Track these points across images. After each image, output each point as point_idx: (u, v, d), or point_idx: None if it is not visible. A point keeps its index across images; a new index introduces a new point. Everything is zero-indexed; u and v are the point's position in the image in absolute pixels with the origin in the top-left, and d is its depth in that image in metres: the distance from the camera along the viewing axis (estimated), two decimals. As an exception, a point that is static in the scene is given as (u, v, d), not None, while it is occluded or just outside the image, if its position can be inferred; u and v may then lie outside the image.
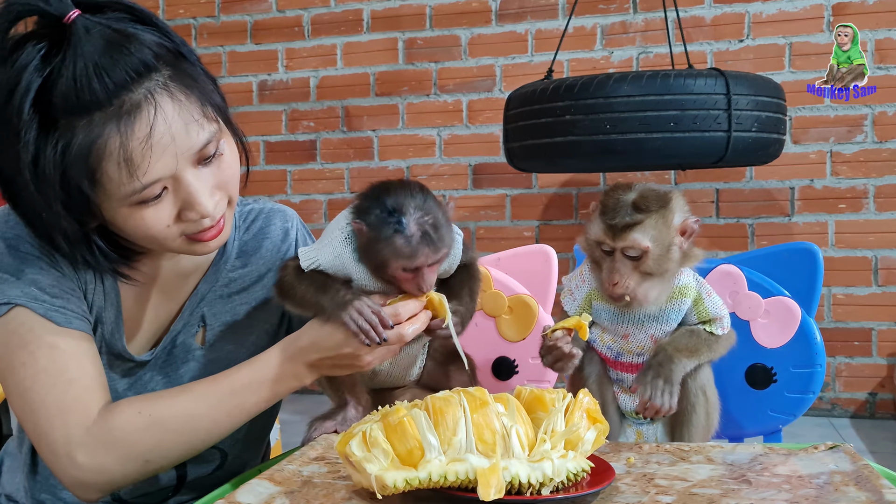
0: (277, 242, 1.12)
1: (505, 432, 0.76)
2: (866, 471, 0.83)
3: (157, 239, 0.87)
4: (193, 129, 0.83)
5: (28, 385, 0.89)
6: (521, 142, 2.45)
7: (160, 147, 0.81)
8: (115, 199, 0.82)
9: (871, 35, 3.04)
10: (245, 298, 1.09)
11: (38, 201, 0.81)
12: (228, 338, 1.07)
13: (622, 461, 0.92)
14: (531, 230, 3.43)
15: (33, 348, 0.89)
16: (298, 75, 3.65)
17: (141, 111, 0.79)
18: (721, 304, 1.11)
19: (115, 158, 0.79)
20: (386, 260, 0.99)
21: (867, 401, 3.14)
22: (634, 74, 2.24)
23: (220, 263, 1.07)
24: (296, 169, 3.66)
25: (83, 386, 0.90)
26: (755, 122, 2.25)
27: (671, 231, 1.05)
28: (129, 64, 0.79)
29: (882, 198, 3.08)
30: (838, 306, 3.13)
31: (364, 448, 0.74)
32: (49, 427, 0.89)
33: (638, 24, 3.29)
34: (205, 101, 0.85)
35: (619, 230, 1.04)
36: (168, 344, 1.03)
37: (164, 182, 0.83)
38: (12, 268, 0.91)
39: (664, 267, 1.05)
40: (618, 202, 1.05)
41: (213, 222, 0.88)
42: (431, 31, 3.51)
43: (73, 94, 0.77)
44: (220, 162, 0.88)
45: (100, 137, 0.79)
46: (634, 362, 1.14)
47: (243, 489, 0.81)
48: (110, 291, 0.98)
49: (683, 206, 1.09)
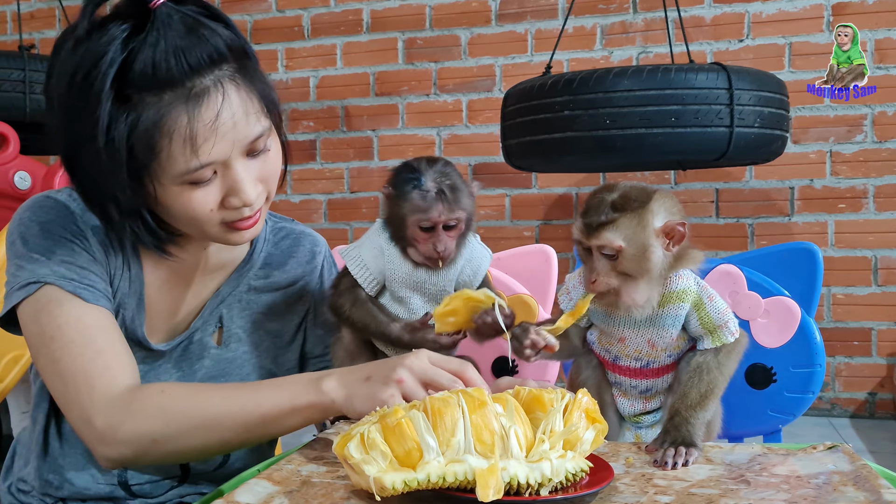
0: (303, 262, 1.17)
1: (504, 433, 0.76)
2: (865, 471, 0.83)
3: (199, 221, 0.92)
4: (251, 121, 0.90)
5: (58, 356, 0.93)
6: (518, 139, 2.40)
7: (222, 132, 0.87)
8: (169, 175, 0.88)
9: (870, 35, 3.04)
10: (263, 308, 1.13)
11: (105, 168, 0.86)
12: (244, 340, 1.10)
13: (621, 461, 0.92)
14: (531, 230, 3.43)
15: (62, 322, 0.94)
16: (298, 75, 3.65)
17: (209, 96, 0.86)
18: (725, 307, 1.09)
19: (181, 136, 0.85)
20: (405, 218, 1.10)
21: (867, 401, 3.14)
22: (635, 69, 2.20)
23: (244, 270, 1.11)
24: (295, 169, 3.67)
25: (111, 355, 0.94)
26: (758, 118, 2.21)
27: (648, 231, 1.03)
28: (204, 50, 0.86)
29: (882, 197, 3.08)
30: (838, 306, 3.13)
31: (362, 450, 0.74)
32: (77, 393, 0.92)
33: (638, 23, 3.29)
34: (263, 98, 0.92)
35: (594, 228, 1.04)
36: (185, 339, 1.06)
37: (215, 166, 0.89)
38: (44, 248, 0.96)
39: (643, 267, 1.04)
40: (599, 202, 1.05)
41: (252, 212, 0.94)
42: (431, 31, 3.51)
43: (150, 71, 0.84)
44: (267, 157, 0.95)
45: (168, 115, 0.85)
46: (633, 366, 1.13)
47: (242, 489, 0.81)
48: (135, 280, 1.02)
49: (670, 207, 1.06)
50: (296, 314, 1.17)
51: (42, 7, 3.95)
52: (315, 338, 1.20)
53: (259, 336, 1.11)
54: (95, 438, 0.92)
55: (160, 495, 1.07)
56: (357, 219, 3.62)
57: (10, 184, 2.71)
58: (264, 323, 1.12)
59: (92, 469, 1.04)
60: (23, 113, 2.77)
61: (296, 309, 1.17)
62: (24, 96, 2.77)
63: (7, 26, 4.02)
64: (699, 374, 1.06)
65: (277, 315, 1.14)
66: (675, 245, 1.06)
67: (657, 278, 1.06)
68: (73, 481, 1.04)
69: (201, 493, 1.09)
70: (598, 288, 1.05)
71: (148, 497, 1.06)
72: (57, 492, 1.04)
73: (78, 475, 1.04)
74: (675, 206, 1.07)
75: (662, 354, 1.12)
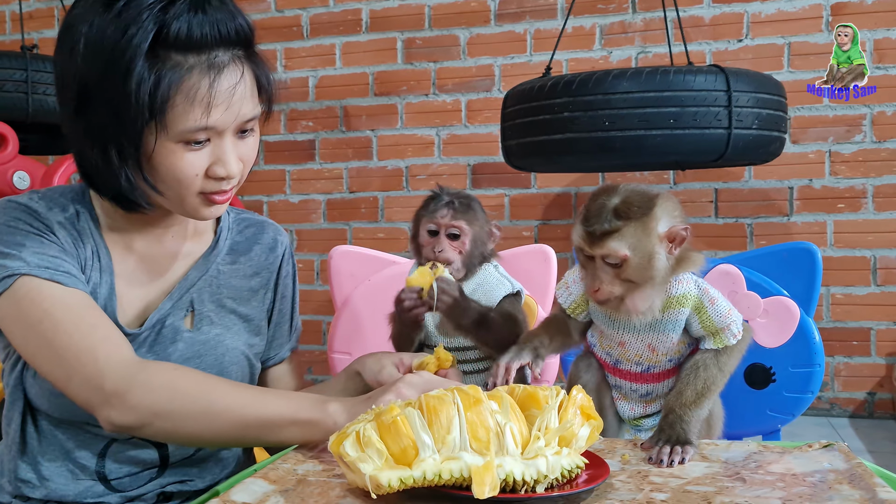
0: (266, 249, 1.22)
1: (499, 430, 0.76)
2: (860, 469, 0.83)
3: (183, 184, 0.98)
4: (254, 102, 1.01)
5: (50, 336, 0.94)
6: (518, 139, 2.42)
7: (234, 102, 0.96)
8: (174, 131, 0.94)
9: (869, 35, 3.04)
10: (231, 293, 1.16)
11: (121, 114, 0.93)
12: (216, 323, 1.12)
13: (617, 458, 0.92)
14: (530, 230, 3.43)
15: (46, 306, 0.95)
16: (297, 75, 3.65)
17: (229, 69, 0.96)
18: (727, 309, 1.07)
19: (199, 97, 0.93)
20: (417, 221, 1.32)
21: (866, 400, 3.14)
22: (634, 71, 2.21)
23: (211, 256, 1.14)
24: (294, 169, 3.66)
25: (105, 328, 0.97)
26: (756, 120, 2.23)
27: (653, 238, 1.01)
28: (233, 25, 0.96)
29: (881, 197, 3.08)
30: (837, 306, 3.13)
31: (358, 448, 0.74)
32: (79, 365, 0.94)
33: (637, 23, 3.29)
34: (263, 86, 1.02)
35: (597, 237, 1.01)
36: (157, 323, 1.07)
37: (212, 133, 0.97)
38: (13, 244, 0.98)
39: (648, 275, 1.02)
40: (600, 208, 1.02)
41: (229, 186, 1.01)
42: (430, 30, 3.51)
43: (185, 34, 0.92)
44: (249, 140, 1.03)
45: (191, 76, 0.93)
46: (633, 371, 1.12)
47: (238, 488, 0.81)
48: (105, 270, 1.05)
49: (672, 210, 1.04)
50: (263, 301, 1.20)
51: (41, 7, 3.95)
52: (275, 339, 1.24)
53: (230, 319, 1.14)
54: (103, 401, 0.93)
55: (139, 487, 1.07)
56: (356, 219, 3.62)
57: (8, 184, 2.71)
58: (234, 307, 1.15)
59: (69, 464, 1.05)
60: (25, 113, 2.77)
61: (261, 296, 1.20)
62: (27, 97, 2.77)
63: (6, 26, 4.02)
64: (695, 372, 1.05)
65: (245, 300, 1.17)
66: (677, 248, 1.04)
67: (660, 284, 1.05)
68: (51, 478, 1.04)
69: (180, 480, 1.09)
70: (601, 297, 1.03)
71: (127, 491, 1.06)
72: (34, 491, 1.04)
73: (56, 470, 1.04)
74: (676, 209, 1.06)
75: (664, 359, 1.11)
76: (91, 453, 1.05)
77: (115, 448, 1.06)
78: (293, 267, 1.25)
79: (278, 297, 1.22)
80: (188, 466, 1.11)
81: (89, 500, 1.05)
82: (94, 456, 1.05)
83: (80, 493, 1.04)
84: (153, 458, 1.08)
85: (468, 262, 1.30)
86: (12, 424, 1.06)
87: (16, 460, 1.05)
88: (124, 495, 1.06)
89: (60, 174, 2.63)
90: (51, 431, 1.05)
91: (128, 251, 1.08)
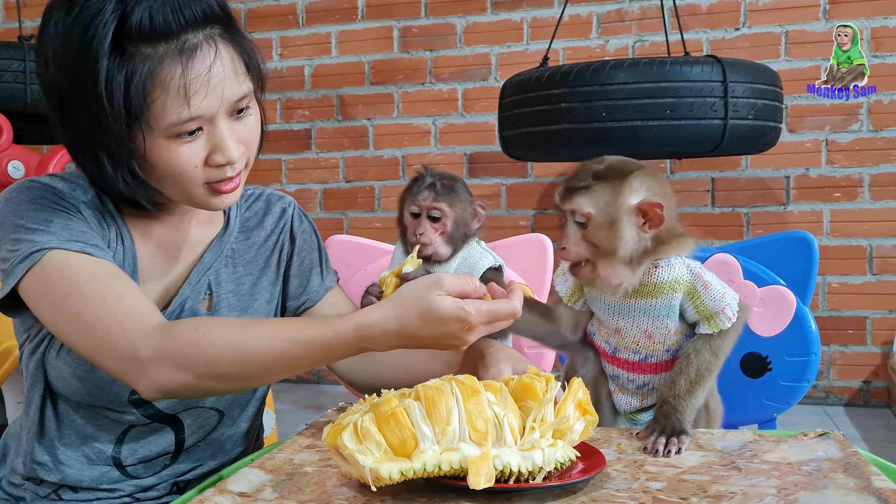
0: (276, 218, 1.21)
1: (497, 421, 0.76)
2: (855, 458, 0.84)
3: (184, 178, 0.95)
4: (239, 80, 0.95)
5: (79, 309, 0.93)
6: (516, 130, 2.43)
7: (213, 84, 0.92)
8: (160, 126, 0.91)
9: (866, 23, 3.04)
10: (248, 269, 1.15)
11: (101, 119, 0.90)
12: (234, 304, 1.12)
13: (613, 447, 0.92)
14: (527, 219, 3.43)
15: (75, 278, 0.94)
16: (293, 64, 3.63)
17: (201, 50, 0.91)
18: (722, 293, 1.06)
19: (175, 86, 0.89)
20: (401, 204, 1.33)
21: (861, 389, 3.15)
22: (630, 62, 2.22)
23: (225, 236, 1.14)
24: (290, 158, 3.65)
25: (134, 298, 0.95)
26: (752, 110, 2.24)
27: (621, 204, 1.02)
28: (199, 6, 0.91)
29: (877, 186, 3.08)
30: (833, 295, 3.14)
31: (356, 440, 0.74)
32: (108, 336, 0.92)
33: (633, 12, 3.28)
34: (247, 61, 0.97)
35: (568, 192, 1.04)
36: (177, 308, 1.07)
37: (202, 122, 0.93)
38: (42, 219, 0.96)
39: (612, 242, 1.02)
40: (584, 168, 1.05)
41: (234, 172, 0.98)
42: (426, 19, 3.50)
43: (147, 24, 0.88)
44: (248, 120, 0.98)
45: (162, 66, 0.89)
46: (631, 359, 1.12)
47: (234, 477, 0.81)
48: (128, 253, 1.04)
49: (653, 187, 1.04)
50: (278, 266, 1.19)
51: (35, -5, 3.93)
52: (296, 283, 1.21)
53: (247, 298, 1.14)
54: (141, 371, 0.91)
55: (153, 475, 1.07)
56: (353, 208, 3.62)
57: (3, 173, 2.70)
58: (252, 286, 1.15)
59: (85, 448, 1.05)
60: (24, 103, 2.76)
61: (275, 261, 1.19)
62: (25, 87, 2.76)
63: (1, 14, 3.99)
64: (688, 360, 1.05)
65: (262, 270, 1.16)
66: (653, 227, 1.03)
67: (634, 260, 1.04)
68: (67, 462, 1.04)
69: (193, 467, 1.10)
70: (568, 256, 1.06)
71: (141, 478, 1.07)
72: (48, 474, 1.04)
73: (73, 454, 1.04)
74: (659, 187, 1.05)
75: (661, 348, 1.11)
76: (109, 438, 1.05)
77: (133, 433, 1.06)
78: (310, 222, 1.24)
79: (296, 251, 1.20)
80: (202, 451, 1.11)
81: (104, 485, 1.05)
82: (112, 442, 1.05)
83: (95, 479, 1.05)
84: (169, 442, 1.08)
85: (451, 242, 1.34)
86: (31, 406, 1.06)
87: (33, 442, 1.05)
88: (138, 484, 1.06)
89: (55, 163, 2.62)
90: (69, 415, 1.05)
91: (147, 238, 1.07)
